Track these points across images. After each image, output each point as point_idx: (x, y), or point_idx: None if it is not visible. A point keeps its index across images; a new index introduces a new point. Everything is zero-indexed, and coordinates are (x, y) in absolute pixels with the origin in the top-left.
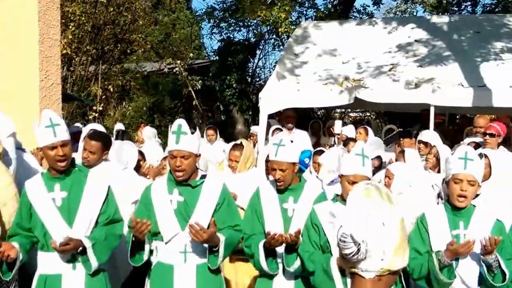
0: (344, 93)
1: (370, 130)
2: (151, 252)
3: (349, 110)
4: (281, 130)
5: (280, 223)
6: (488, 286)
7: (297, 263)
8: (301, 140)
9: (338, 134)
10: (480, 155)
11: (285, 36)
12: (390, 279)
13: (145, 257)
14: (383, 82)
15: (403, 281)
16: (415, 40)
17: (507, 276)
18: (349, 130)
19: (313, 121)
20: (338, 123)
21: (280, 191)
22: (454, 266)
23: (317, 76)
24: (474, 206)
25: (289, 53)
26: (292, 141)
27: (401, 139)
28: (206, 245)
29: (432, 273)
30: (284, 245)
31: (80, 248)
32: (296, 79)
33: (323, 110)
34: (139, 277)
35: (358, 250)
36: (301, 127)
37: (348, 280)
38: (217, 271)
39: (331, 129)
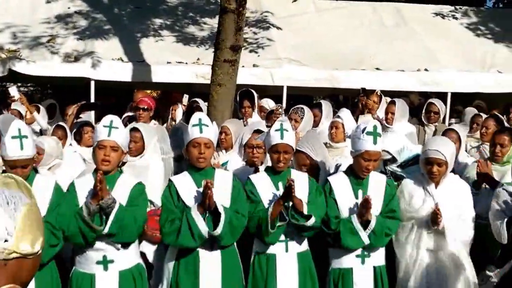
0: None
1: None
2: None
3: (20, 84)
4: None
5: None
6: None
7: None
8: None
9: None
10: (133, 129)
11: None
12: (20, 263)
13: None
14: (41, 54)
15: None
16: (75, 12)
17: None
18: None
19: None
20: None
21: None
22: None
23: None
24: None
25: None
26: None
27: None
28: None
29: None
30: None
31: None
32: None
33: None
34: None
35: None
36: None
37: None
38: None
39: None
